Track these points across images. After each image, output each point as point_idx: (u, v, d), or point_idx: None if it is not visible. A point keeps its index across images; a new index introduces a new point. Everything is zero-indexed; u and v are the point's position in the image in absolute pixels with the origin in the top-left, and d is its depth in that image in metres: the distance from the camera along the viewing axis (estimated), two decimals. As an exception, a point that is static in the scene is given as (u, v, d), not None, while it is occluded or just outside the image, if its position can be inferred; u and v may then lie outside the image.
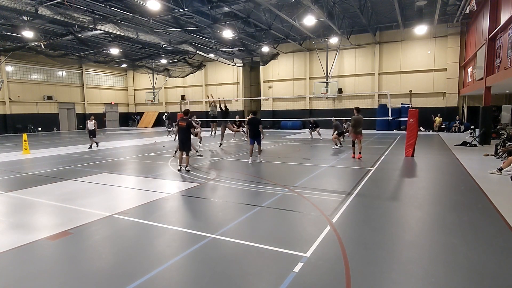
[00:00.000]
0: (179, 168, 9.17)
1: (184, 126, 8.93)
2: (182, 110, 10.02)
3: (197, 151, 12.12)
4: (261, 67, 28.89)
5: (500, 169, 8.10)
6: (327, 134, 19.17)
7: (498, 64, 13.42)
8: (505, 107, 19.09)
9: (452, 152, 12.18)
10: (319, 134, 18.61)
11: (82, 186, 7.52)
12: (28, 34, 17.18)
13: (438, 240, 4.24)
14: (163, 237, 4.49)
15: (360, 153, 10.96)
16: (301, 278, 3.27)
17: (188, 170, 9.06)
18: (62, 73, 31.62)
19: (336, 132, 14.19)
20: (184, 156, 9.09)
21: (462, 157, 10.97)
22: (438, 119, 22.91)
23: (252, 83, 33.76)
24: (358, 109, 11.04)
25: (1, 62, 25.73)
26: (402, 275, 3.37)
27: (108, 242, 4.37)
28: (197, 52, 23.91)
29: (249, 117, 10.71)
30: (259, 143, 10.48)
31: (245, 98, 31.11)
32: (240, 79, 31.75)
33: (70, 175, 8.76)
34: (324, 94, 25.55)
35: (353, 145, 11.43)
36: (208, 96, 17.04)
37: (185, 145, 9.01)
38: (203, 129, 11.59)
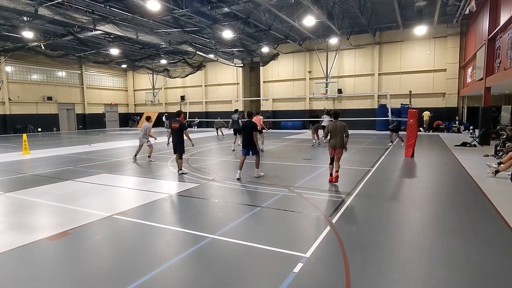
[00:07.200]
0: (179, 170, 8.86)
1: (177, 127, 8.64)
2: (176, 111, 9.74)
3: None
4: (261, 67, 28.87)
5: (497, 172, 7.76)
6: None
7: (498, 64, 13.42)
8: (504, 107, 19.08)
9: (452, 153, 12.17)
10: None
11: (82, 186, 7.51)
12: (28, 34, 17.17)
13: (438, 240, 4.24)
14: (163, 238, 4.48)
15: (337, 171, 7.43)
16: (301, 279, 3.27)
17: (183, 173, 8.67)
18: (62, 73, 31.59)
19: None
20: (178, 159, 8.77)
21: (462, 157, 10.97)
22: (426, 113, 22.42)
23: (252, 83, 33.76)
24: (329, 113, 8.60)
25: (1, 63, 25.72)
26: (402, 275, 3.37)
27: (107, 242, 4.37)
28: (197, 52, 23.91)
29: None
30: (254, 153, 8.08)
31: (245, 99, 31.10)
32: (240, 79, 31.73)
33: (70, 175, 8.75)
34: (324, 94, 25.55)
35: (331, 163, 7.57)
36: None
37: (177, 147, 8.74)
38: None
